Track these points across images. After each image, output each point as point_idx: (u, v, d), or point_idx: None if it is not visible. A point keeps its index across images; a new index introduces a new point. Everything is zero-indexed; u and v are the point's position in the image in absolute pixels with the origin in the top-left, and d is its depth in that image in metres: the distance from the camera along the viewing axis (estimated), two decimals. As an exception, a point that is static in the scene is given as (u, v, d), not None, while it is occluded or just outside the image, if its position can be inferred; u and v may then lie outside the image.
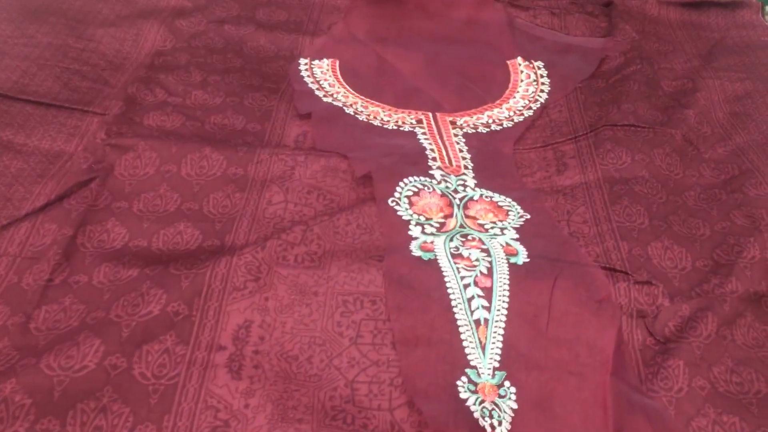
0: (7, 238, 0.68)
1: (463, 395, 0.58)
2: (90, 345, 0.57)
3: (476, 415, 0.56)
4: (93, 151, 0.79)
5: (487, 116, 0.94)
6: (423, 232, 0.73)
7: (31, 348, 0.58)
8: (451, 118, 0.93)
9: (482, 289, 0.66)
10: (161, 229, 0.71)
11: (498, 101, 0.97)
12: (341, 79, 1.00)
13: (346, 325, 0.62)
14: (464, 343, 0.62)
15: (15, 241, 0.68)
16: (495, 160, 0.86)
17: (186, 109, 0.88)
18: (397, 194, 0.77)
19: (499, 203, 0.79)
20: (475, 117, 0.94)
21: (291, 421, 0.55)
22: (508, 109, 0.95)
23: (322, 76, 1.00)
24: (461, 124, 0.92)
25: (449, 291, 0.66)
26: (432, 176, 0.81)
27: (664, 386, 0.60)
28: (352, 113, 0.92)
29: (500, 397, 0.59)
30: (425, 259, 0.69)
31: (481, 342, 0.62)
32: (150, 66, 0.94)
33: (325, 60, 1.04)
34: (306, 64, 1.03)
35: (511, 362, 0.61)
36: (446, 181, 0.81)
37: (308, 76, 1.00)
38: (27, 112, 0.83)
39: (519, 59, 1.06)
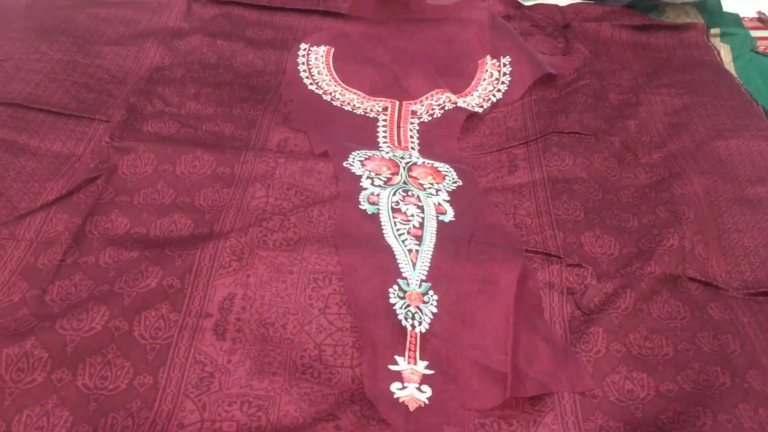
0: (24, 226, 0.79)
1: (392, 300, 0.72)
2: (97, 311, 0.68)
3: (400, 316, 0.71)
4: (99, 152, 0.89)
5: (446, 97, 1.08)
6: (372, 184, 0.88)
7: (46, 315, 0.69)
8: (414, 107, 1.07)
9: (414, 236, 0.81)
10: (158, 219, 0.81)
11: (457, 95, 1.10)
12: (331, 67, 1.15)
13: (316, 298, 0.73)
14: (398, 262, 0.77)
15: (32, 228, 0.79)
16: (439, 141, 1.01)
17: (181, 118, 0.99)
18: (350, 159, 0.92)
19: (439, 168, 0.94)
20: (434, 98, 1.08)
21: (266, 374, 0.66)
22: (465, 103, 1.09)
23: (315, 62, 1.15)
24: (420, 113, 1.06)
25: (386, 237, 0.80)
26: (381, 149, 0.97)
27: (585, 348, 0.70)
28: (329, 100, 1.08)
29: (423, 303, 0.73)
30: (369, 213, 0.83)
31: (412, 262, 0.77)
32: (149, 79, 1.05)
33: (322, 47, 1.19)
34: (305, 49, 1.19)
35: (435, 277, 0.76)
36: (394, 153, 0.96)
37: (303, 63, 1.15)
38: (40, 119, 0.94)
39: (488, 57, 1.18)
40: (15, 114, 0.93)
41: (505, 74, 1.15)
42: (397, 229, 0.80)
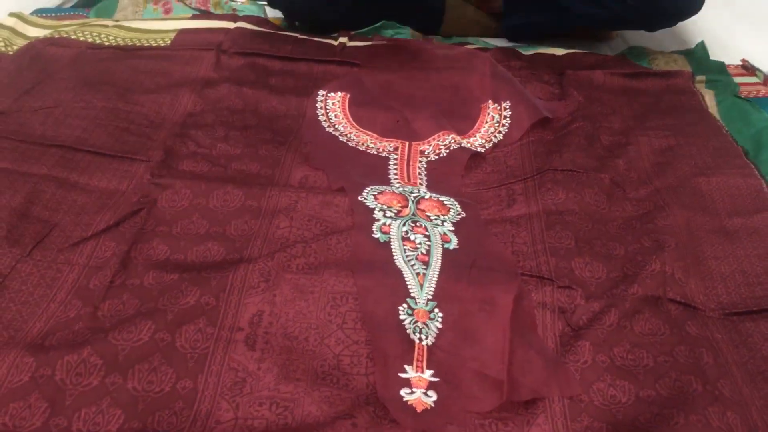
0: (77, 252, 0.89)
1: (402, 317, 0.81)
2: (144, 324, 0.78)
3: (408, 331, 0.79)
4: (140, 188, 1.00)
5: (452, 138, 1.19)
6: (384, 216, 0.97)
7: (99, 328, 0.78)
8: (422, 147, 1.18)
9: (421, 262, 0.90)
10: (194, 247, 0.92)
11: (462, 136, 1.20)
12: (347, 111, 1.26)
13: (334, 314, 0.82)
14: (407, 284, 0.86)
15: (84, 254, 0.89)
16: (445, 177, 1.11)
17: (212, 158, 1.10)
18: (364, 193, 1.02)
19: (444, 202, 1.03)
20: (441, 139, 1.19)
21: (291, 380, 0.75)
22: (469, 143, 1.19)
23: (332, 107, 1.27)
24: (428, 153, 1.17)
25: (396, 263, 0.89)
26: (392, 185, 1.07)
27: (574, 359, 0.79)
28: (345, 141, 1.19)
29: (430, 319, 0.81)
30: (382, 241, 0.93)
31: (420, 283, 0.86)
32: (183, 124, 1.16)
33: (338, 93, 1.31)
34: (323, 95, 1.30)
35: (440, 297, 0.84)
36: (403, 188, 1.06)
37: (321, 107, 1.27)
38: (88, 159, 1.05)
39: (490, 102, 1.28)
40: (66, 155, 1.05)
41: (505, 117, 1.25)
42: (407, 255, 0.90)
